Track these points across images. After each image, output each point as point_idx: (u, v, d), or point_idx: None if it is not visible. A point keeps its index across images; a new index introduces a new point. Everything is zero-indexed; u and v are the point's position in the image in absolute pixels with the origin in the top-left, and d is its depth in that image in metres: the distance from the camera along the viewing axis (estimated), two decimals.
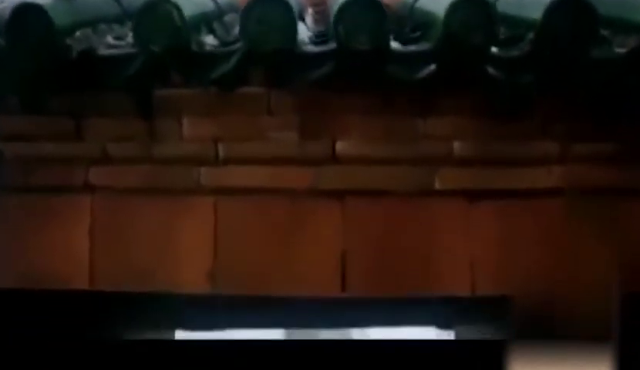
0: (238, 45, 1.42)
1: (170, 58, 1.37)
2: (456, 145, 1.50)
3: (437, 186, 1.51)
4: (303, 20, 1.95)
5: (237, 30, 1.48)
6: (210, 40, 1.56)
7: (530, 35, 1.39)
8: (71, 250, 1.54)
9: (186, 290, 1.53)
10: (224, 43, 1.53)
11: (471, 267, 1.52)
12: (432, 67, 1.36)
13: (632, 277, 1.49)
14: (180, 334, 2.06)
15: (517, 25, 1.47)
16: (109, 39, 1.53)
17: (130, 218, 1.54)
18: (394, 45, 1.44)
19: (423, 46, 1.44)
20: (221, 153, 1.50)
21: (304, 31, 1.67)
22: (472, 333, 1.79)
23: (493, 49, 1.39)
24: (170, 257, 1.53)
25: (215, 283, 1.52)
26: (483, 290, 1.52)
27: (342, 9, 1.31)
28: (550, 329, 1.48)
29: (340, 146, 1.49)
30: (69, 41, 1.42)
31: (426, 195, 1.52)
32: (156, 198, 1.54)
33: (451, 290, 1.52)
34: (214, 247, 1.52)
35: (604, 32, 1.42)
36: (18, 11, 1.33)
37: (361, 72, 1.38)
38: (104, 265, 1.54)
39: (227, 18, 1.87)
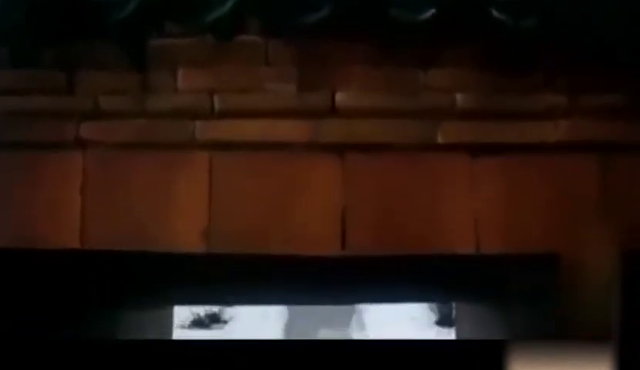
0: None
1: (163, 1, 1.33)
2: (459, 97, 1.45)
3: (439, 140, 1.46)
4: None
5: None
6: None
7: None
8: (61, 208, 1.49)
9: (180, 249, 1.47)
10: None
11: (475, 224, 1.47)
12: (435, 11, 1.32)
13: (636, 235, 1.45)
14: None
15: None
16: None
17: (123, 174, 1.49)
18: None
19: None
20: (217, 106, 1.45)
21: None
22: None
23: None
24: (163, 215, 1.48)
25: (210, 241, 1.47)
26: (488, 248, 1.47)
27: None
28: (552, 289, 1.44)
29: (340, 97, 1.44)
30: None
31: (429, 149, 1.47)
32: (149, 153, 1.49)
33: (455, 248, 1.47)
34: (209, 204, 1.47)
35: None
36: None
37: (360, 16, 1.34)
38: (96, 223, 1.49)
39: None
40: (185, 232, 1.47)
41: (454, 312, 11.40)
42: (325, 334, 12.13)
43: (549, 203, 1.48)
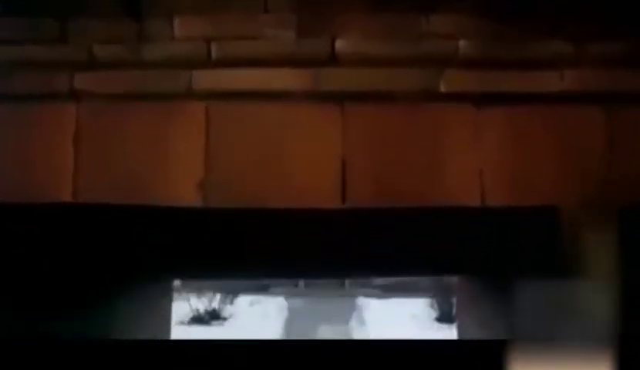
0: None
1: None
2: (462, 44, 1.42)
3: (442, 88, 1.42)
4: None
5: None
6: None
7: None
8: (54, 161, 1.45)
9: (175, 202, 1.43)
10: None
11: (480, 176, 1.43)
12: None
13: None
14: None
15: None
16: None
17: (117, 126, 1.45)
18: None
19: None
20: (214, 54, 1.42)
21: None
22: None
23: None
24: (158, 167, 1.44)
25: (206, 194, 1.43)
26: (493, 200, 1.43)
27: None
28: (553, 242, 1.40)
29: (340, 44, 1.41)
30: None
31: (431, 99, 1.43)
32: (144, 104, 1.45)
33: (459, 200, 1.42)
34: (205, 156, 1.43)
35: None
36: None
37: None
38: (89, 177, 1.45)
39: None
40: (181, 185, 1.43)
41: (454, 309, 11.32)
42: (325, 330, 12.11)
43: (554, 155, 1.44)
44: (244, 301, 14.02)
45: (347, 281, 17.45)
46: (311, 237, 1.40)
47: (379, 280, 16.97)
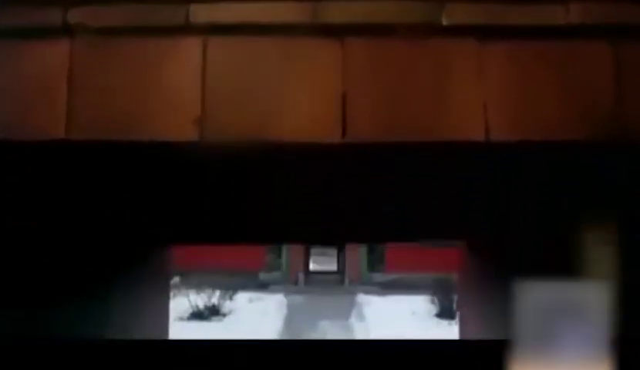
0: None
1: None
2: None
3: (444, 22, 1.39)
4: None
5: None
6: None
7: None
8: (47, 97, 1.41)
9: (171, 138, 1.40)
10: None
11: (484, 110, 1.40)
12: None
13: None
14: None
15: None
16: None
17: (112, 61, 1.41)
18: None
19: None
20: None
21: None
22: None
23: None
24: (154, 103, 1.40)
25: (203, 130, 1.39)
26: (497, 135, 1.39)
27: None
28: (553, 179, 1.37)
29: None
30: None
31: (433, 32, 1.40)
32: (140, 39, 1.41)
33: (463, 135, 1.39)
34: (203, 92, 1.40)
35: None
36: None
37: None
38: (83, 113, 1.41)
39: None
40: (177, 120, 1.39)
41: (455, 305, 11.25)
42: (325, 326, 12.06)
43: (559, 90, 1.40)
44: (243, 297, 13.97)
45: (347, 280, 17.41)
46: (311, 172, 1.37)
47: (379, 277, 16.93)
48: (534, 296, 1.33)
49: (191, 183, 1.43)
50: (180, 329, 8.24)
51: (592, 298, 1.33)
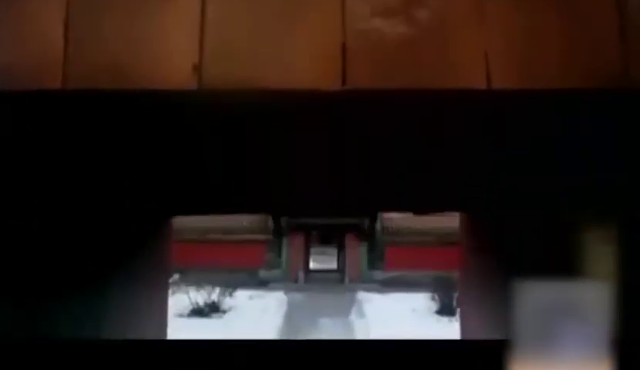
0: None
1: None
2: None
3: None
4: None
5: None
6: None
7: None
8: (43, 44, 1.39)
9: (170, 85, 1.38)
10: None
11: (486, 58, 1.38)
12: None
13: None
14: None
15: None
16: None
17: (109, 6, 1.40)
18: None
19: None
20: None
21: None
22: None
23: None
24: (152, 52, 1.38)
25: (202, 77, 1.38)
26: (499, 83, 1.38)
27: None
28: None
29: None
30: None
31: None
32: None
33: (465, 83, 1.37)
34: (201, 37, 1.38)
35: None
36: None
37: None
38: (79, 61, 1.39)
39: None
40: (176, 66, 1.38)
41: (455, 302, 11.19)
42: (325, 323, 12.01)
43: (562, 36, 1.38)
44: (243, 295, 13.93)
45: (347, 278, 17.37)
46: (310, 118, 1.35)
47: (379, 276, 16.89)
48: (534, 296, 1.31)
49: (190, 134, 1.41)
50: (180, 326, 8.20)
51: (592, 298, 1.31)
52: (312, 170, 1.77)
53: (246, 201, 1.83)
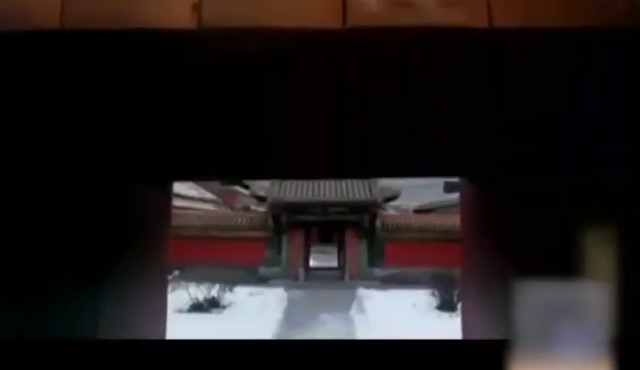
0: None
1: None
2: None
3: None
4: None
5: None
6: None
7: None
8: None
9: (169, 24, 1.37)
10: None
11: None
12: None
13: None
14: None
15: None
16: None
17: None
18: None
19: None
20: None
21: None
22: None
23: None
24: None
25: (202, 16, 1.37)
26: (500, 22, 1.37)
27: None
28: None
29: None
30: None
31: None
32: None
33: (466, 22, 1.36)
34: None
35: None
36: None
37: None
38: (78, 2, 1.38)
39: None
40: (175, 7, 1.37)
41: (455, 298, 11.17)
42: (325, 318, 12.00)
43: None
44: (243, 291, 13.93)
45: (347, 275, 17.37)
46: (310, 57, 1.34)
47: (379, 272, 16.88)
48: (534, 296, 1.30)
49: (189, 81, 1.40)
50: (180, 321, 8.18)
51: (592, 298, 1.30)
52: (312, 130, 1.75)
53: (246, 165, 1.82)
